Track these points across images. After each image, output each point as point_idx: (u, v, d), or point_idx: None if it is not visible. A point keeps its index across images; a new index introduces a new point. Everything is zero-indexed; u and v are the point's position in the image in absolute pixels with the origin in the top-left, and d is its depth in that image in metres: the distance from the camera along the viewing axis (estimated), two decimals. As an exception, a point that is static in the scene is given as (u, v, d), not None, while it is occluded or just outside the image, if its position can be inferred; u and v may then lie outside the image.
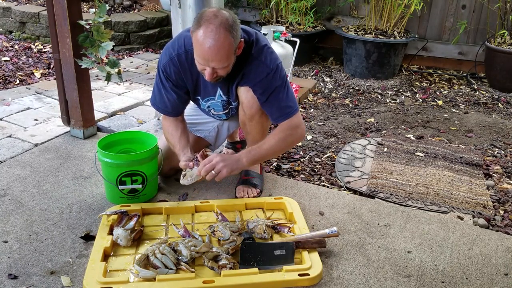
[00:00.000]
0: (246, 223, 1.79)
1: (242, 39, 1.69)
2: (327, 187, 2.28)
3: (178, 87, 1.90)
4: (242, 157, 1.80)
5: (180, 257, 1.57)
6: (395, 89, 4.02)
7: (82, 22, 2.26)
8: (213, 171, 1.73)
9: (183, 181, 1.84)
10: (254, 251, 1.61)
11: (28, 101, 3.18)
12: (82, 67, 2.29)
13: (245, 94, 1.85)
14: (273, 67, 1.78)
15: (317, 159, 2.59)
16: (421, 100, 3.76)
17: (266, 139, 1.85)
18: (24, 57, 4.33)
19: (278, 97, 1.81)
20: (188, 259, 1.57)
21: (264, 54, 1.77)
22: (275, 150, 1.87)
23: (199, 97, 1.99)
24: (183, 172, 1.85)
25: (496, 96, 3.87)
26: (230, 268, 1.53)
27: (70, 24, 2.26)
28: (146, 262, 1.53)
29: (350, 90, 3.97)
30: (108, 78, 2.35)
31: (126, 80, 3.74)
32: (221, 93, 1.92)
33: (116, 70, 2.35)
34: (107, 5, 2.26)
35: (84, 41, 2.24)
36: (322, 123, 3.17)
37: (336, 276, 1.58)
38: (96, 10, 2.23)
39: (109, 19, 2.35)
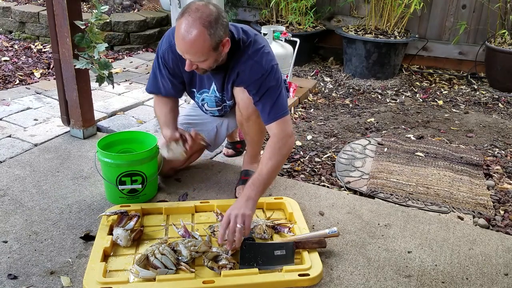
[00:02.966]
0: (246, 223, 1.78)
1: (228, 38, 1.66)
2: (327, 187, 2.28)
3: (174, 75, 1.89)
4: (250, 194, 1.69)
5: (180, 257, 1.57)
6: (395, 89, 4.01)
7: (78, 23, 2.24)
8: (238, 226, 1.59)
9: (163, 151, 1.89)
10: (254, 251, 1.61)
11: (28, 101, 3.18)
12: (76, 67, 2.27)
13: (241, 95, 1.84)
14: (267, 68, 1.76)
15: (317, 159, 2.59)
16: (421, 100, 3.76)
17: (262, 163, 1.75)
18: (24, 57, 4.33)
19: (270, 97, 1.78)
20: (188, 259, 1.56)
21: (259, 55, 1.76)
22: (275, 169, 1.78)
23: (194, 90, 1.98)
24: (166, 144, 1.88)
25: (497, 96, 3.87)
26: (230, 268, 1.53)
27: (70, 24, 2.26)
28: (145, 263, 1.53)
29: (350, 90, 3.97)
30: (100, 80, 2.30)
31: (126, 80, 3.74)
32: (215, 88, 1.92)
33: (107, 72, 2.30)
34: (106, 6, 2.25)
35: (80, 42, 2.23)
36: (322, 123, 3.17)
37: (336, 276, 1.58)
38: (94, 11, 2.21)
39: (107, 20, 2.31)
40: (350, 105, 3.58)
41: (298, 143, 2.78)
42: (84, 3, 5.19)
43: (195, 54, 1.61)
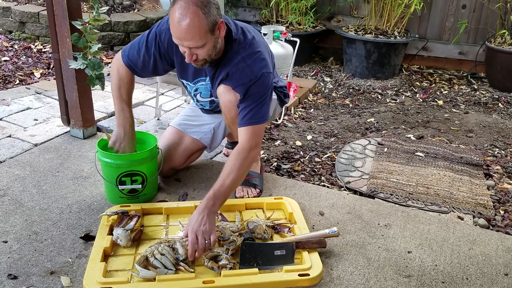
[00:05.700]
0: (246, 223, 1.78)
1: (222, 20, 1.65)
2: (327, 187, 2.28)
3: (162, 56, 1.88)
4: (211, 207, 1.63)
5: (176, 255, 1.56)
6: (395, 89, 4.01)
7: (75, 23, 2.22)
8: (206, 242, 1.56)
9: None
10: (254, 251, 1.61)
11: (28, 101, 3.18)
12: (70, 67, 2.26)
13: (223, 98, 1.82)
14: (257, 75, 1.75)
15: (317, 159, 2.59)
16: (421, 100, 3.76)
17: (224, 174, 1.70)
18: (24, 57, 4.33)
19: (253, 102, 1.76)
20: (184, 257, 1.56)
21: (253, 60, 1.75)
22: (237, 181, 1.74)
23: (185, 81, 1.97)
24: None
25: (497, 96, 3.87)
26: (230, 268, 1.53)
27: (70, 24, 2.26)
28: (145, 263, 1.53)
29: (350, 90, 3.97)
30: (91, 81, 2.26)
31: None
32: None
33: (96, 73, 2.24)
34: (106, 6, 2.25)
35: (77, 42, 2.22)
36: (322, 123, 3.17)
37: (336, 276, 1.58)
38: (91, 12, 2.20)
39: (105, 21, 2.28)
40: (350, 105, 3.58)
41: (298, 143, 2.78)
42: (84, 3, 5.18)
43: (193, 38, 1.59)
